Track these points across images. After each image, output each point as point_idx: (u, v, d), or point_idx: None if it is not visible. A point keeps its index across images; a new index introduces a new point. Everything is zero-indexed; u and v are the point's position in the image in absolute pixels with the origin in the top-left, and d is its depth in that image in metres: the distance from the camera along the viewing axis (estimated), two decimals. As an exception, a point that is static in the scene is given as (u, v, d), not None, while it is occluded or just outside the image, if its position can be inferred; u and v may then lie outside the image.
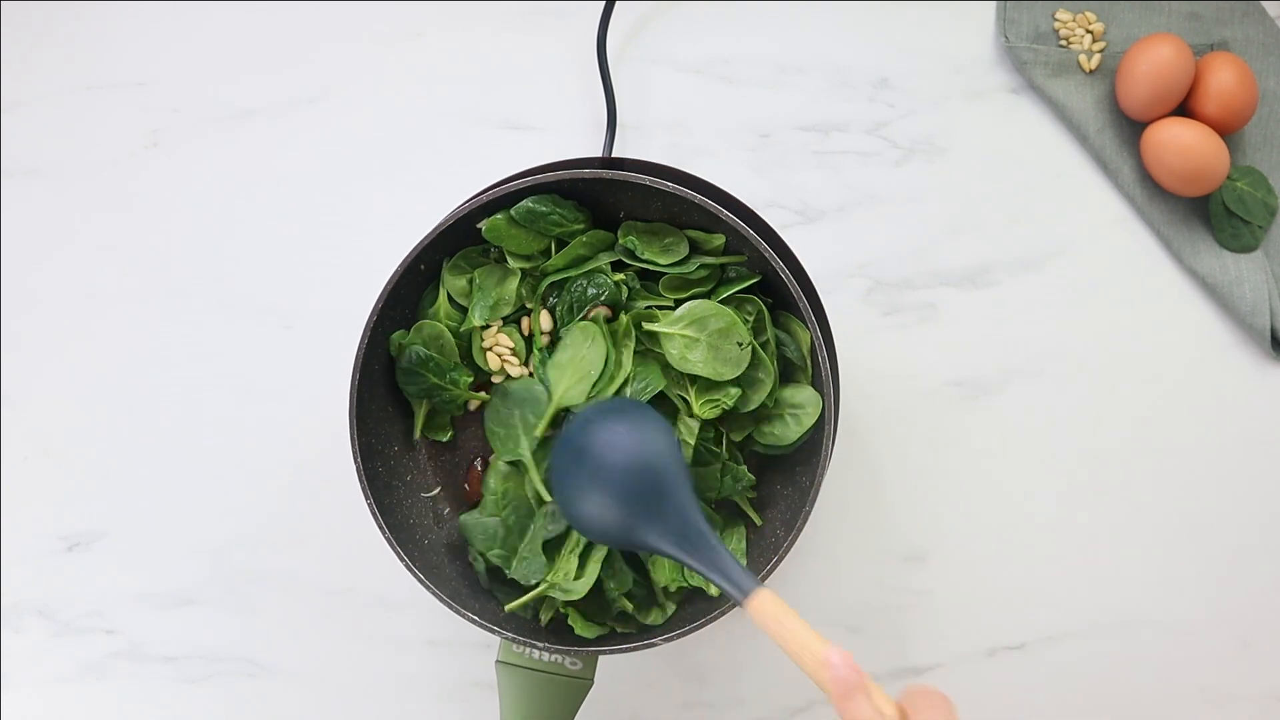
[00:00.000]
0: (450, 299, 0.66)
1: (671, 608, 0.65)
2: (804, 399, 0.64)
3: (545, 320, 0.66)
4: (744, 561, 0.65)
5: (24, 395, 0.75)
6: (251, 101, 0.77)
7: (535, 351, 0.65)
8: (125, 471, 0.74)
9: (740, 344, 0.62)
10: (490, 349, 0.66)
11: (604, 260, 0.65)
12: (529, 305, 0.66)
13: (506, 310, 0.66)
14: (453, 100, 0.77)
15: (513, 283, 0.66)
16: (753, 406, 0.63)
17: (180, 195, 0.76)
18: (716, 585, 0.53)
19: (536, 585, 0.63)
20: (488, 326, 0.66)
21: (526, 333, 0.67)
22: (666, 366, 0.64)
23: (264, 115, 0.77)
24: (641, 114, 0.76)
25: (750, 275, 0.65)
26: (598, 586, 0.64)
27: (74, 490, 0.74)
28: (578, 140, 0.76)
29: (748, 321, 0.64)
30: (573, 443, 0.59)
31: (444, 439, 0.67)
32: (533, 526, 0.65)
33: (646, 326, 0.64)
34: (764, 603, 0.52)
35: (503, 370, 0.66)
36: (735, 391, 0.63)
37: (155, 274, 0.76)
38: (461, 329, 0.66)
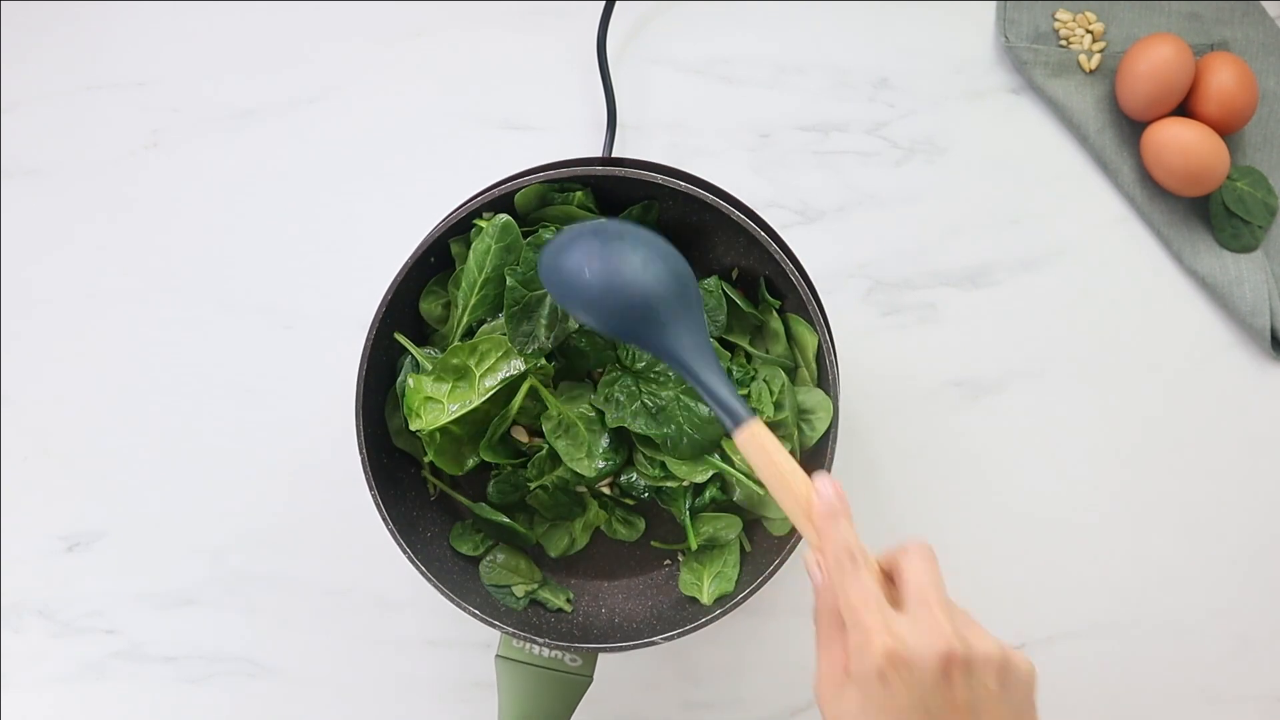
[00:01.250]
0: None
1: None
2: (814, 403, 0.64)
3: None
4: (739, 569, 0.65)
5: (24, 395, 0.75)
6: (251, 101, 0.77)
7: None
8: (125, 471, 0.74)
9: None
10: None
11: None
12: None
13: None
14: (453, 100, 0.77)
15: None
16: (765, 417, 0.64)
17: (180, 195, 0.76)
18: (710, 406, 0.53)
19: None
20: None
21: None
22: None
23: (264, 115, 0.77)
24: (641, 114, 0.76)
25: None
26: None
27: (74, 490, 0.74)
28: (578, 140, 0.76)
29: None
30: (558, 263, 0.56)
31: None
32: None
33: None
34: (755, 432, 0.51)
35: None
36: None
37: (155, 274, 0.76)
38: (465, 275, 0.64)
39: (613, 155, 0.74)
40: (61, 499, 0.74)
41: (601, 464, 0.64)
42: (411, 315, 0.66)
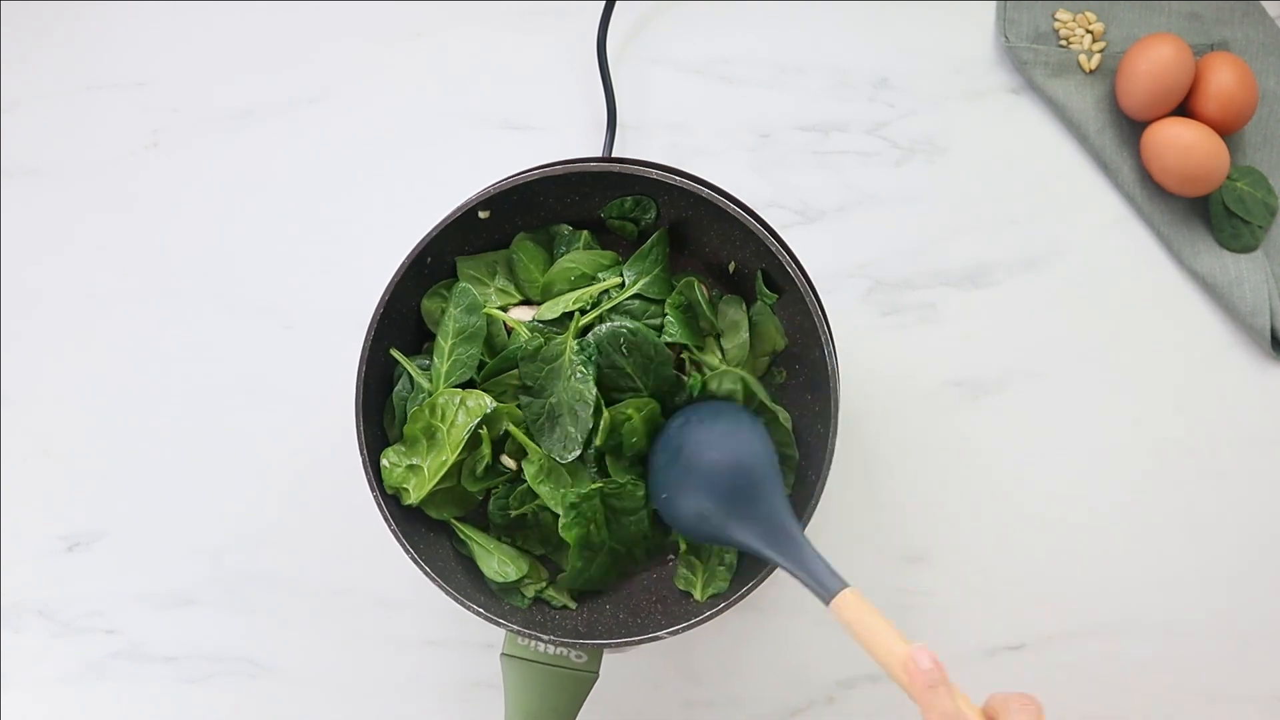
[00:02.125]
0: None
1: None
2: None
3: None
4: (734, 569, 0.65)
5: (24, 395, 0.75)
6: (251, 101, 0.77)
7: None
8: (125, 471, 0.74)
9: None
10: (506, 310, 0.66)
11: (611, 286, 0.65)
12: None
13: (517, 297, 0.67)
14: (453, 100, 0.77)
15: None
16: None
17: (180, 195, 0.76)
18: (802, 582, 0.55)
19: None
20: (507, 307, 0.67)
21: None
22: None
23: (264, 115, 0.77)
24: (641, 114, 0.76)
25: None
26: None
27: (74, 490, 0.74)
28: (578, 140, 0.76)
29: None
30: (671, 442, 0.62)
31: None
32: None
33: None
34: (847, 602, 0.53)
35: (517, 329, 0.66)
36: None
37: (155, 274, 0.76)
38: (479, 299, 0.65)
39: (613, 155, 0.74)
40: (61, 499, 0.74)
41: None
42: (412, 315, 0.66)
